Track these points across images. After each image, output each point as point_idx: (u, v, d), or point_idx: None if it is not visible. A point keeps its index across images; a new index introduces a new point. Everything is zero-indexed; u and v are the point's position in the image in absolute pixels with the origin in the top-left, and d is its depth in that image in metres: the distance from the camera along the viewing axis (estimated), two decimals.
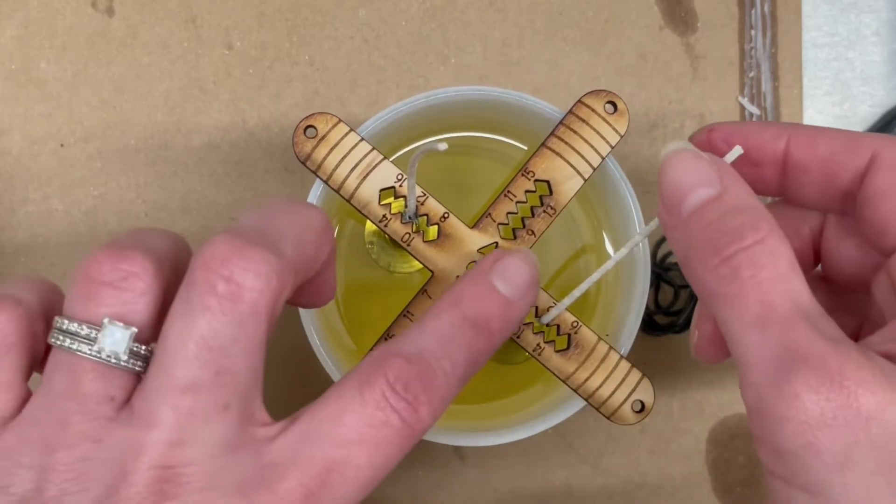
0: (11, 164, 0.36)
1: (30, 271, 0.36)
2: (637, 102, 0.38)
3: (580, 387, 0.28)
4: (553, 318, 0.28)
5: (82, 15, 0.36)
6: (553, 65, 0.37)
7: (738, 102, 0.38)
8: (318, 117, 0.28)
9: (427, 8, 0.37)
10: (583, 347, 0.28)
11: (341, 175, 0.28)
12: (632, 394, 0.28)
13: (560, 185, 0.29)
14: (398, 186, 0.28)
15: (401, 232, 0.28)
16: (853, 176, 0.25)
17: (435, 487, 0.37)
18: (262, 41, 0.37)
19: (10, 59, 0.36)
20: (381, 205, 0.28)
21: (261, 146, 0.36)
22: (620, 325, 0.31)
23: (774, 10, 0.38)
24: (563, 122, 0.29)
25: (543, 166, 0.29)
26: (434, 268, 0.28)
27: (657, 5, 0.38)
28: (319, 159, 0.28)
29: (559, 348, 0.28)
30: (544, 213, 0.29)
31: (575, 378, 0.28)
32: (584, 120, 0.29)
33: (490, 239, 0.28)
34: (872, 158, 0.25)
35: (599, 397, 0.28)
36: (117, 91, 0.36)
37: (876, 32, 0.39)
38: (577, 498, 0.38)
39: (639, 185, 0.38)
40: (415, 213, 0.28)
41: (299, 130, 0.28)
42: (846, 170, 0.25)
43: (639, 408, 0.28)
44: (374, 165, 0.28)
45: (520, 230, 0.28)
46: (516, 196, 0.29)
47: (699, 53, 0.38)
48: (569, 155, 0.29)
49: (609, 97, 0.29)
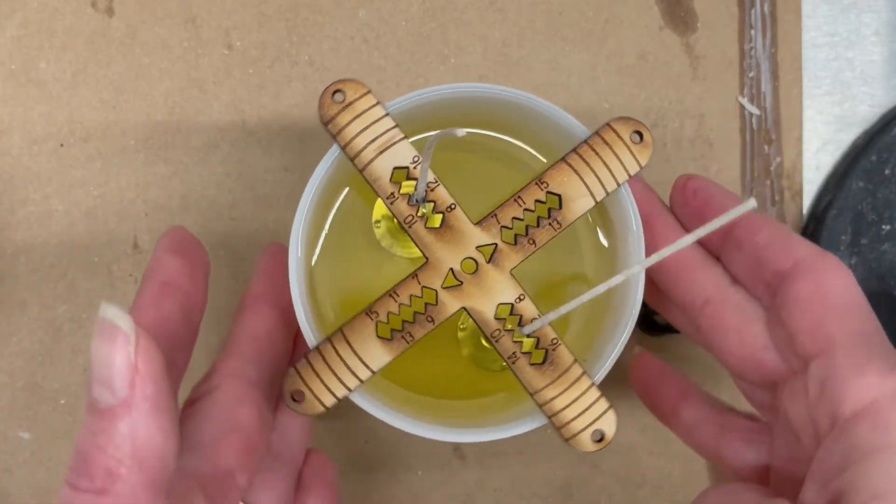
0: (11, 164, 0.36)
1: (30, 271, 0.36)
2: (637, 102, 0.38)
3: (546, 404, 0.28)
4: (535, 330, 0.28)
5: (82, 15, 0.36)
6: (553, 65, 0.37)
7: (737, 102, 0.38)
8: (349, 83, 0.28)
9: (427, 8, 0.37)
10: (557, 365, 0.28)
11: (359, 145, 0.28)
12: (595, 422, 0.28)
13: (571, 202, 0.28)
14: (412, 168, 0.28)
15: (405, 213, 0.28)
16: (775, 273, 0.27)
17: (435, 487, 0.37)
18: (262, 41, 0.37)
19: (9, 59, 0.36)
20: (391, 182, 0.28)
21: (261, 146, 0.36)
22: (600, 350, 0.30)
23: (774, 10, 0.38)
24: (587, 141, 0.29)
25: (559, 180, 0.29)
26: (430, 255, 0.28)
27: (657, 5, 0.38)
28: (341, 125, 0.28)
29: (534, 361, 0.28)
30: (549, 226, 0.28)
31: (542, 394, 0.28)
32: (608, 144, 0.29)
33: (491, 239, 0.28)
34: (796, 264, 0.27)
35: (563, 418, 0.28)
36: (117, 91, 0.36)
37: (876, 32, 0.39)
38: (577, 498, 0.38)
39: None
40: (423, 198, 0.28)
41: (328, 93, 0.28)
42: (772, 265, 0.27)
43: (598, 437, 0.28)
44: (393, 142, 0.28)
45: (522, 237, 0.28)
46: (525, 203, 0.28)
47: (699, 53, 0.38)
48: (586, 175, 0.29)
49: (637, 127, 0.29)
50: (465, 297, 0.28)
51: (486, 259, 0.28)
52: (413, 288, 0.28)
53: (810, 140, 0.38)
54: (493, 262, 0.28)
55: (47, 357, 0.36)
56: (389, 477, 0.38)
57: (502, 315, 0.28)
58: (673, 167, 0.38)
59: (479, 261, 0.28)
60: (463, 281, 0.28)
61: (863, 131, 0.39)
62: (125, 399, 0.21)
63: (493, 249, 0.28)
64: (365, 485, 0.37)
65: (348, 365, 0.27)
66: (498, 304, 0.28)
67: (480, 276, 0.28)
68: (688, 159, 0.38)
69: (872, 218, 0.37)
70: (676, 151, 0.38)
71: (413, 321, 0.28)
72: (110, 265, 0.36)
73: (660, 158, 0.38)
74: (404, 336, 0.27)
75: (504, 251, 0.28)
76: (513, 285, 0.28)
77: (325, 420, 0.37)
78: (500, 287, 0.28)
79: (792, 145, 0.38)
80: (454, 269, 0.28)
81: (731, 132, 0.38)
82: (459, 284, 0.28)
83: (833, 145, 0.39)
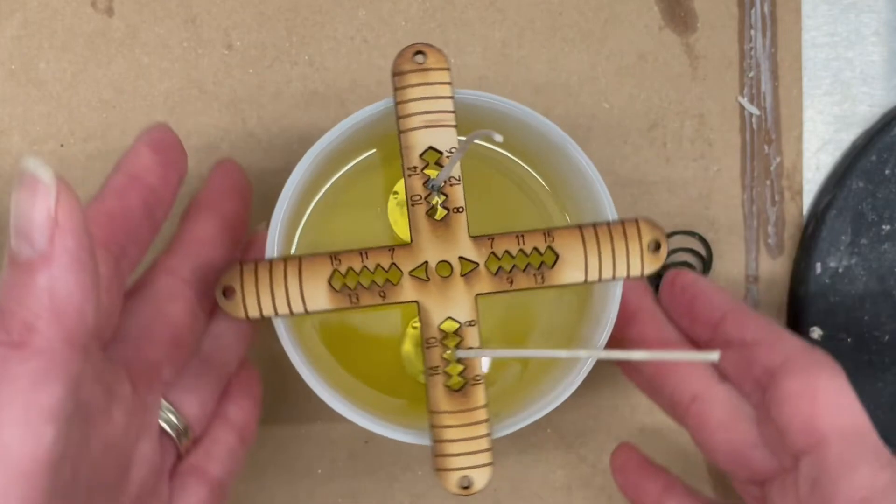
0: (11, 164, 0.36)
1: None
2: (637, 102, 0.38)
3: (438, 427, 0.27)
4: (466, 358, 0.28)
5: (82, 15, 0.36)
6: (553, 65, 0.37)
7: (737, 102, 0.38)
8: (435, 52, 0.28)
9: (427, 8, 0.37)
10: (468, 400, 0.28)
11: (412, 109, 0.28)
12: (471, 469, 0.27)
13: (563, 268, 0.28)
14: (444, 156, 0.28)
15: (417, 191, 0.28)
16: (764, 370, 0.27)
17: (435, 487, 0.37)
18: (262, 41, 0.37)
19: (9, 59, 0.36)
20: (421, 158, 0.28)
21: (261, 146, 0.36)
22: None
23: (774, 10, 0.38)
24: (609, 223, 0.28)
25: (565, 242, 0.28)
26: (416, 239, 0.28)
27: (657, 5, 0.38)
28: (408, 83, 0.28)
29: (450, 385, 0.28)
30: (532, 277, 0.28)
31: (440, 417, 0.27)
32: (626, 238, 0.28)
33: (476, 258, 0.28)
34: (786, 361, 0.27)
35: (445, 448, 0.27)
36: (117, 91, 0.36)
37: (876, 32, 0.39)
38: (577, 498, 0.38)
39: (638, 185, 0.38)
40: (440, 188, 0.28)
41: (412, 49, 0.28)
42: (761, 362, 0.28)
43: (466, 484, 0.27)
44: (442, 124, 0.28)
45: (503, 272, 0.28)
46: (524, 244, 0.28)
47: (699, 53, 0.38)
48: (591, 253, 0.28)
49: (659, 238, 0.28)
50: (425, 294, 0.28)
51: (462, 272, 0.28)
52: (384, 259, 0.28)
53: (810, 140, 0.38)
54: (465, 278, 0.28)
55: None
56: (389, 477, 0.38)
57: (447, 329, 0.28)
58: (673, 167, 0.38)
59: (454, 270, 0.28)
60: (431, 279, 0.28)
61: (863, 131, 0.39)
62: (44, 252, 0.20)
63: (472, 267, 0.28)
64: (365, 484, 0.37)
65: (289, 291, 0.27)
66: (448, 316, 0.28)
67: (448, 284, 0.28)
68: (688, 159, 0.38)
69: (872, 218, 0.37)
70: (676, 151, 0.38)
71: (367, 287, 0.27)
72: None
73: (660, 158, 0.38)
74: (351, 296, 0.27)
75: (481, 275, 0.28)
76: (471, 308, 0.28)
77: (325, 421, 0.37)
78: (460, 304, 0.28)
79: (792, 145, 0.38)
80: (429, 264, 0.28)
81: (731, 132, 0.38)
82: (426, 280, 0.28)
83: (833, 145, 0.39)
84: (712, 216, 0.38)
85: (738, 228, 0.38)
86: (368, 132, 0.30)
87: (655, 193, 0.38)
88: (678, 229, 0.37)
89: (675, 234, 0.37)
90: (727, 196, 0.38)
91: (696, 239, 0.38)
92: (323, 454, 0.37)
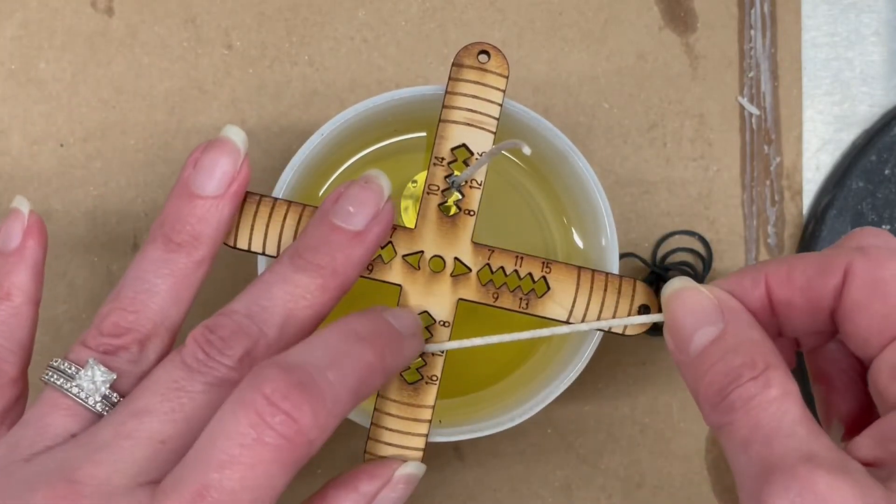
0: (11, 164, 0.36)
1: None
2: (636, 102, 0.38)
3: (381, 412, 0.28)
4: (429, 352, 0.28)
5: (82, 15, 0.36)
6: (553, 65, 0.37)
7: (737, 102, 0.38)
8: (500, 56, 0.28)
9: (427, 8, 0.37)
10: (417, 396, 0.28)
11: (458, 103, 0.28)
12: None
13: (549, 301, 0.28)
14: (474, 157, 0.28)
15: (436, 182, 0.28)
16: (833, 296, 0.26)
17: (434, 487, 0.37)
18: (262, 41, 0.37)
19: (9, 59, 0.36)
20: (451, 151, 0.28)
21: (261, 146, 0.37)
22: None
23: (774, 10, 0.38)
24: (608, 274, 0.28)
25: (560, 277, 0.28)
26: (420, 227, 0.28)
27: (657, 5, 0.38)
28: (463, 77, 0.28)
29: (405, 376, 0.28)
30: (518, 300, 0.28)
31: (385, 404, 0.28)
32: (618, 293, 0.28)
33: (471, 262, 0.28)
34: (845, 274, 0.25)
35: (380, 435, 0.27)
36: (117, 91, 0.36)
37: (876, 32, 0.39)
38: (576, 498, 0.38)
39: (638, 185, 0.38)
40: (459, 186, 0.28)
41: (477, 46, 0.28)
42: (825, 293, 0.26)
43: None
44: (481, 126, 0.28)
45: (491, 286, 0.28)
46: (520, 266, 0.28)
47: (699, 53, 0.38)
48: (581, 296, 0.28)
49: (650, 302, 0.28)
50: (410, 280, 0.28)
51: (453, 272, 0.28)
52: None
53: (810, 140, 0.38)
54: (454, 279, 0.28)
55: (47, 357, 0.36)
56: None
57: (421, 322, 0.28)
58: (673, 167, 0.38)
59: (446, 268, 0.28)
60: (421, 268, 0.28)
61: (863, 131, 0.39)
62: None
63: (464, 272, 0.28)
64: None
65: (283, 234, 0.28)
66: (426, 310, 0.28)
67: (435, 280, 0.28)
68: (687, 159, 0.38)
69: (872, 218, 0.37)
70: (676, 151, 0.38)
71: None
72: (110, 265, 0.36)
73: (660, 158, 0.38)
74: None
75: (470, 281, 0.28)
76: (450, 310, 0.28)
77: None
78: (441, 303, 0.28)
79: (792, 145, 0.38)
80: (424, 254, 0.28)
81: (731, 132, 0.38)
82: (416, 268, 0.28)
83: (833, 145, 0.39)
84: (712, 216, 0.38)
85: (738, 228, 0.38)
86: (419, 114, 0.30)
87: (655, 193, 0.38)
88: (678, 229, 0.37)
89: (675, 234, 0.37)
90: (727, 196, 0.38)
91: (696, 239, 0.38)
92: (323, 454, 0.37)
